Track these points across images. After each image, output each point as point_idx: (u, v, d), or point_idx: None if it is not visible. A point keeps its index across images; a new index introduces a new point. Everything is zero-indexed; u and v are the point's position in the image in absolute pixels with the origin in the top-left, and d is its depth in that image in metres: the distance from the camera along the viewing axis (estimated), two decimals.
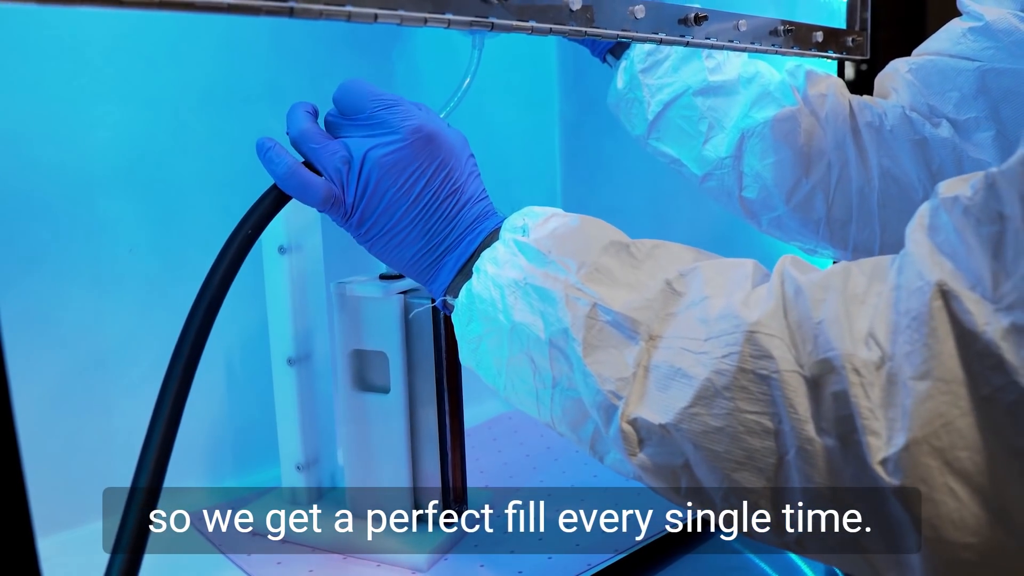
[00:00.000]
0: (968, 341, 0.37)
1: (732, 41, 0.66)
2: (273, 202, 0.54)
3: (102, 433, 0.76)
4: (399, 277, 0.70)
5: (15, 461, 0.37)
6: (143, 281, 0.78)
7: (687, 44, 0.62)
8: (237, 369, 0.84)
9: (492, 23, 0.49)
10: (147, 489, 0.50)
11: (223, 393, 0.84)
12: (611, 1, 0.56)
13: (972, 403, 0.37)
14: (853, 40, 0.78)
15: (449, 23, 0.47)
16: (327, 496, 0.76)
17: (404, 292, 0.69)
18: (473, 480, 0.74)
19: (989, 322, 0.36)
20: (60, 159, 0.72)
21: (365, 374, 0.71)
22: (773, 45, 0.70)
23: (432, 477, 0.70)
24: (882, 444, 0.38)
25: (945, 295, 0.37)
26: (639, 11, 0.57)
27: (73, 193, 0.73)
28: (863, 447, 0.39)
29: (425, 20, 0.46)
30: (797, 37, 0.71)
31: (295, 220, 0.71)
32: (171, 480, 0.51)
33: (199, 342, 0.52)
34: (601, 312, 0.48)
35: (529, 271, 0.50)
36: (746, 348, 0.43)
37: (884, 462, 0.38)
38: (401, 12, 0.45)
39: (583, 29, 0.54)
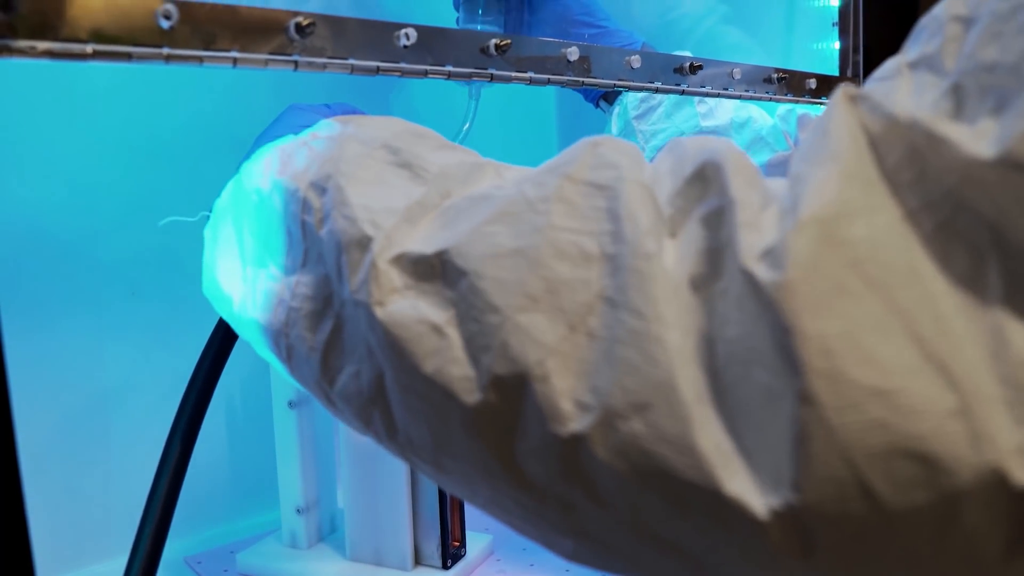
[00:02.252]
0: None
1: (727, 88, 0.67)
2: None
3: (102, 476, 0.76)
4: None
5: (18, 504, 0.37)
6: (145, 324, 0.78)
7: (683, 92, 0.63)
8: (238, 412, 0.85)
9: (491, 74, 0.50)
10: (151, 537, 0.50)
11: (223, 435, 0.84)
12: (608, 51, 0.57)
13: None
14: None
15: (449, 75, 0.48)
16: (327, 539, 0.76)
17: None
18: (472, 522, 0.74)
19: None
20: (63, 201, 0.73)
21: None
22: (767, 92, 0.71)
23: (432, 521, 0.70)
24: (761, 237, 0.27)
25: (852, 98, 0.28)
26: (635, 61, 0.59)
27: (76, 235, 0.74)
28: (731, 236, 0.27)
29: (426, 72, 0.47)
30: (791, 84, 0.73)
31: None
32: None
33: (206, 392, 0.53)
34: (388, 152, 0.39)
35: (319, 135, 0.42)
36: (586, 157, 0.32)
37: (763, 255, 0.26)
38: (403, 65, 0.46)
39: (580, 79, 0.55)
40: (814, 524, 0.25)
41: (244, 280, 0.44)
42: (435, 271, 0.33)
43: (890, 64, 0.29)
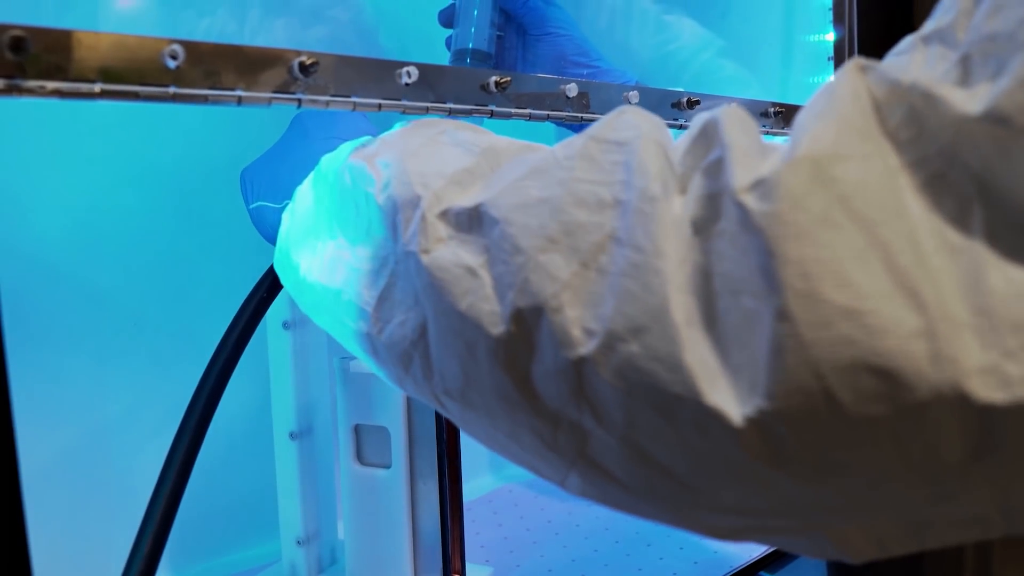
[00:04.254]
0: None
1: None
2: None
3: (103, 507, 0.76)
4: None
5: (21, 534, 0.37)
6: (147, 356, 0.79)
7: (680, 127, 0.64)
8: (238, 442, 0.85)
9: (491, 111, 0.51)
10: (144, 560, 0.50)
11: (224, 466, 0.84)
12: (606, 87, 0.58)
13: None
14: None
15: (450, 111, 0.49)
16: (327, 571, 0.75)
17: None
18: (472, 554, 0.74)
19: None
20: (66, 231, 0.74)
21: (367, 449, 0.72)
22: (764, 126, 0.72)
23: (432, 553, 0.70)
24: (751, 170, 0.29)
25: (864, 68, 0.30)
26: (633, 96, 0.59)
27: (78, 265, 0.74)
28: (727, 176, 0.30)
29: (427, 109, 0.48)
30: (787, 118, 0.74)
31: None
32: (169, 553, 0.51)
33: (208, 411, 0.54)
34: (447, 136, 0.43)
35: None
36: (612, 121, 0.35)
37: (754, 186, 0.29)
38: (404, 102, 0.47)
39: (579, 115, 0.56)
40: (784, 430, 0.27)
41: (314, 251, 0.49)
42: (473, 221, 0.37)
43: (907, 40, 0.32)
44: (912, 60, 0.30)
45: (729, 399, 0.28)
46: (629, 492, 0.34)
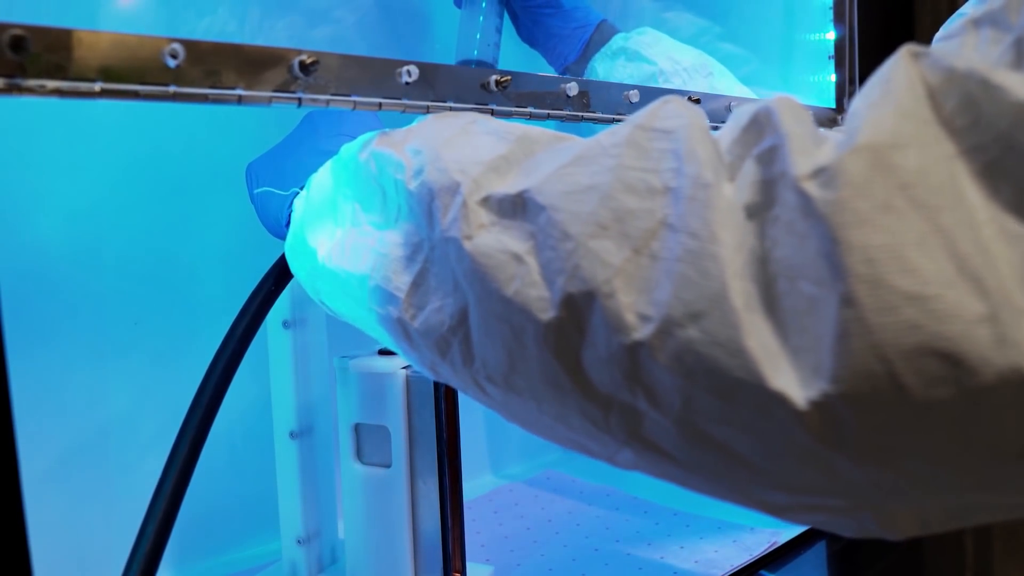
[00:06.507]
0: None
1: (725, 122, 0.68)
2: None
3: (103, 507, 0.76)
4: None
5: (21, 534, 0.37)
6: (147, 355, 0.79)
7: None
8: (238, 442, 0.85)
9: (492, 109, 0.51)
10: (145, 559, 0.50)
11: (224, 465, 0.84)
12: (607, 86, 0.58)
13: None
14: (842, 119, 0.81)
15: (451, 111, 0.49)
16: (328, 570, 0.75)
17: (406, 367, 0.70)
18: (473, 554, 0.74)
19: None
20: (66, 232, 0.74)
21: (367, 448, 0.72)
22: None
23: (433, 552, 0.70)
24: (810, 159, 0.30)
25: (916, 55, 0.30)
26: (633, 95, 0.59)
27: (78, 265, 0.74)
28: (784, 164, 0.30)
29: (427, 108, 0.48)
30: None
31: (300, 294, 0.72)
32: (170, 553, 0.51)
33: (213, 405, 0.54)
34: (477, 125, 0.43)
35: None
36: (656, 110, 0.35)
37: (815, 174, 0.29)
38: (405, 101, 0.47)
39: (579, 114, 0.56)
40: (847, 414, 0.28)
41: (332, 238, 0.49)
42: (517, 208, 0.37)
43: (955, 23, 0.32)
44: (963, 44, 0.30)
45: (792, 383, 0.29)
46: (682, 468, 0.34)
